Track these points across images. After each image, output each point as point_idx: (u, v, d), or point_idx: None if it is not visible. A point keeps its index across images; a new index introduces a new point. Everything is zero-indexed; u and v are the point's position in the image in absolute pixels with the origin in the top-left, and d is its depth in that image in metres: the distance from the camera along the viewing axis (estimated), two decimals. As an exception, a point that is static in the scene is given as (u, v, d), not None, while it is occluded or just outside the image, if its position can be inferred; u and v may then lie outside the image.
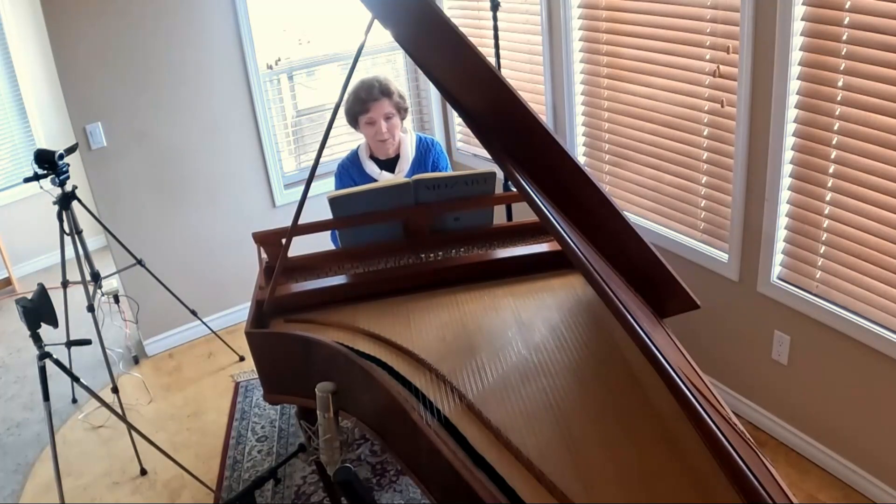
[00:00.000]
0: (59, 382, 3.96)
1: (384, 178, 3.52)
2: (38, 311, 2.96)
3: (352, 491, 1.99)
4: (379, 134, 3.47)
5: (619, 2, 3.62)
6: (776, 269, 3.25)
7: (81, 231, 3.86)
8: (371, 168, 3.56)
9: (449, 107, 4.99)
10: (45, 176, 3.65)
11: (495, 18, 4.05)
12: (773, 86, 2.96)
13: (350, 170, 3.60)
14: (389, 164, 3.58)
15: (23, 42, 5.71)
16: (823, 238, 3.02)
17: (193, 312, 4.46)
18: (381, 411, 2.38)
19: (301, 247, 3.05)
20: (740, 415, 3.62)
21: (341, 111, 3.07)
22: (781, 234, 3.18)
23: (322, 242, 3.21)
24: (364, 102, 3.44)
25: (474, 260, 3.00)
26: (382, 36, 4.82)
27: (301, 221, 2.81)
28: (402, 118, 3.57)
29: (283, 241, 2.87)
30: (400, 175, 3.54)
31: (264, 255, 3.15)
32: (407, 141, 3.60)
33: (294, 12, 4.87)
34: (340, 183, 3.62)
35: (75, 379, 3.19)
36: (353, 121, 3.55)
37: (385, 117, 3.47)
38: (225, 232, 4.76)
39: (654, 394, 2.15)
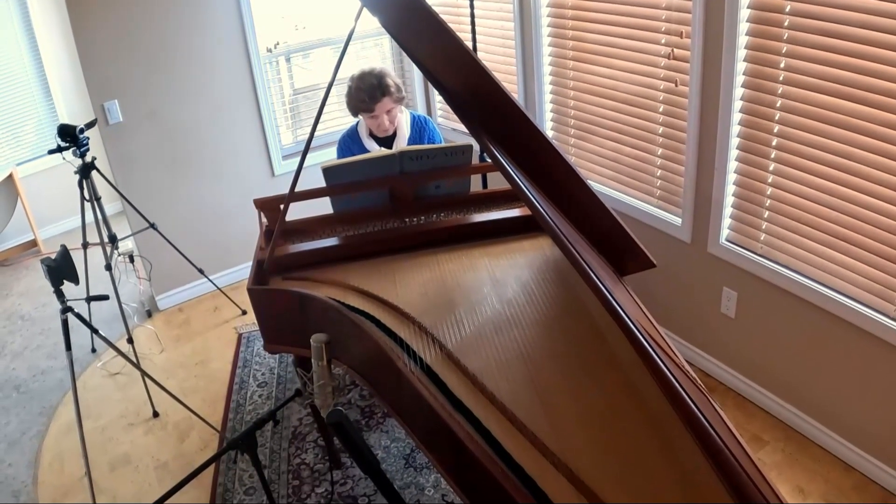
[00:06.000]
0: (79, 334, 3.93)
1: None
2: (60, 269, 2.91)
3: (343, 431, 1.97)
4: (381, 127, 3.36)
5: (584, -10, 3.56)
6: (724, 232, 3.24)
7: (100, 198, 3.79)
8: (371, 145, 3.44)
9: (431, 86, 4.92)
10: (67, 148, 3.61)
11: (472, 6, 4.00)
12: (722, 67, 2.93)
13: (351, 146, 3.47)
14: (387, 142, 3.46)
15: (47, 27, 5.65)
16: (767, 204, 3.00)
17: (201, 271, 4.43)
18: (369, 360, 2.36)
19: (298, 212, 3.00)
20: (692, 363, 3.63)
21: (334, 90, 3.00)
22: (729, 200, 3.16)
23: (316, 208, 3.16)
24: (368, 103, 3.27)
25: (453, 224, 2.96)
26: (371, 23, 4.74)
27: (297, 189, 2.77)
28: (400, 104, 3.44)
29: (282, 206, 2.82)
30: None
31: (264, 220, 3.12)
32: (402, 120, 3.47)
33: (291, 0, 4.78)
34: (341, 156, 3.51)
35: (94, 331, 3.15)
36: (356, 114, 3.40)
37: (387, 112, 3.34)
38: (229, 198, 4.70)
39: (615, 344, 2.14)
